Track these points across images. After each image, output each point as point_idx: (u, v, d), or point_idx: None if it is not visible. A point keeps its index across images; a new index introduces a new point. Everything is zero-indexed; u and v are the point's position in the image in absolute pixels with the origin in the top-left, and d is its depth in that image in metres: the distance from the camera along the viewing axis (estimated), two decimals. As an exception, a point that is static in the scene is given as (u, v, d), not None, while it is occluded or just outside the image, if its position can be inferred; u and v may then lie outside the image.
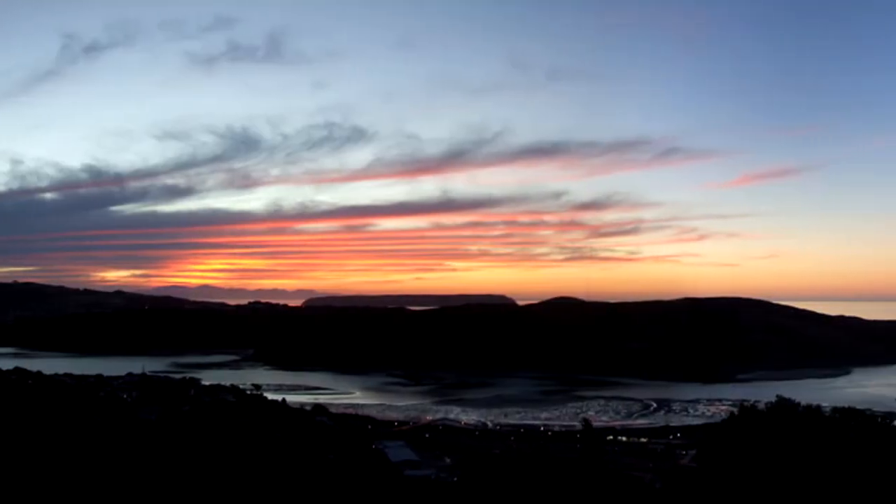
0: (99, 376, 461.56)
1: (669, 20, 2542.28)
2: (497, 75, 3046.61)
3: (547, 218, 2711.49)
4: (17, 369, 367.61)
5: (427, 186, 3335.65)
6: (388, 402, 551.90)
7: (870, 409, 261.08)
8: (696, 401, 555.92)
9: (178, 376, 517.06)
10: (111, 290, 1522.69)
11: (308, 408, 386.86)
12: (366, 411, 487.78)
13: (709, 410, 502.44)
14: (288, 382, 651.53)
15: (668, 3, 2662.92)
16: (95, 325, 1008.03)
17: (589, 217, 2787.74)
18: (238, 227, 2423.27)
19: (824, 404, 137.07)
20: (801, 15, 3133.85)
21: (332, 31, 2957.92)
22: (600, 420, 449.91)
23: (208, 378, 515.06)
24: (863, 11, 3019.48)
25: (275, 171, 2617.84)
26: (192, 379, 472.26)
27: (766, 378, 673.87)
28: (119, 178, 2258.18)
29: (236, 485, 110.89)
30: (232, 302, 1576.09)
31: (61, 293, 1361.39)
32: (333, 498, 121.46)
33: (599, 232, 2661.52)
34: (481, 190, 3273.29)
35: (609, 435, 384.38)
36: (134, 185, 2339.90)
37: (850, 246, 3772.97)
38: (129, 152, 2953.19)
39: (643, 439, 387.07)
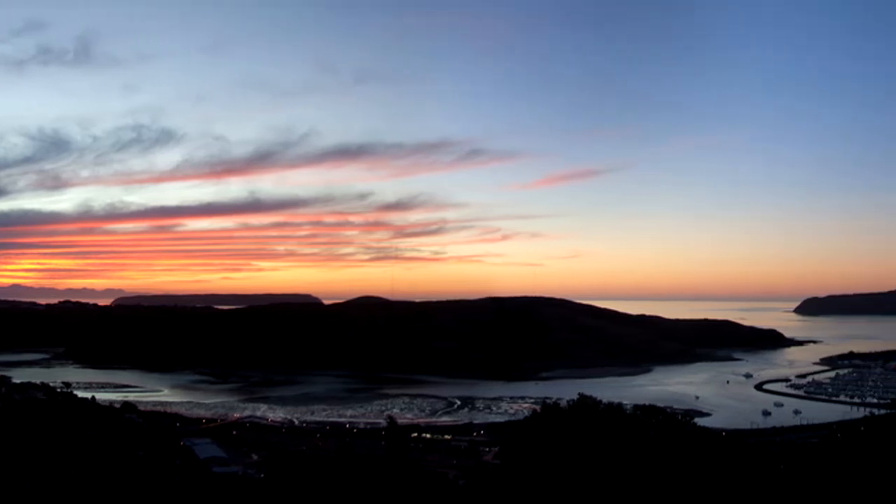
0: None
1: (474, 24, 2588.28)
2: (304, 78, 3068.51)
3: (352, 218, 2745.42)
4: None
5: (234, 187, 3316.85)
6: (195, 400, 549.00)
7: (670, 407, 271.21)
8: (500, 398, 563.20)
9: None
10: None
11: (117, 405, 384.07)
12: (174, 409, 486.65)
13: (512, 408, 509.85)
14: (98, 380, 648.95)
15: (473, 7, 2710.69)
16: None
17: (394, 217, 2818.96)
18: (48, 228, 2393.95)
19: (626, 402, 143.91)
20: (604, 18, 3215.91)
21: (142, 35, 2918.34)
22: (405, 417, 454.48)
23: (19, 376, 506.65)
24: (666, 16, 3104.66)
25: (85, 173, 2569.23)
26: (2, 377, 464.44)
27: (568, 376, 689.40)
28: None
29: (47, 480, 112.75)
30: (42, 301, 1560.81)
31: None
32: (143, 493, 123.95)
33: (404, 232, 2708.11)
34: (288, 191, 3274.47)
35: (413, 432, 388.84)
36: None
37: (652, 246, 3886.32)
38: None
39: (447, 436, 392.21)
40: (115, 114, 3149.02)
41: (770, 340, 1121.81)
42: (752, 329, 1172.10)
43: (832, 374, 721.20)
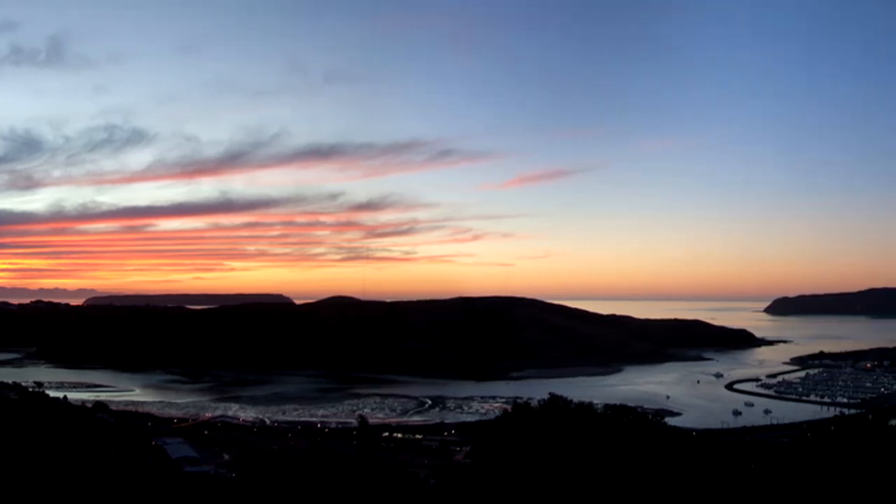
0: None
1: (445, 23, 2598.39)
2: (275, 79, 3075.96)
3: (324, 218, 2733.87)
4: None
5: (206, 188, 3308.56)
6: (167, 400, 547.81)
7: (641, 407, 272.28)
8: (471, 398, 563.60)
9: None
10: None
11: (89, 405, 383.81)
12: (146, 408, 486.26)
13: (483, 408, 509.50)
14: (70, 380, 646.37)
15: (444, 8, 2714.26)
16: None
17: (365, 217, 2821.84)
18: (20, 228, 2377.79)
19: (596, 401, 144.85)
20: (576, 18, 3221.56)
21: (113, 36, 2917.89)
22: (376, 417, 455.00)
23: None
24: (638, 17, 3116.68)
25: (57, 173, 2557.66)
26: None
27: (539, 376, 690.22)
28: None
29: (18, 480, 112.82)
30: (14, 301, 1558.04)
31: None
32: (114, 493, 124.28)
33: (375, 232, 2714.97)
34: (259, 191, 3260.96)
35: (385, 432, 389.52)
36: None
37: (623, 246, 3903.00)
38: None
39: (418, 436, 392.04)
40: (87, 114, 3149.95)
41: (740, 340, 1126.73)
42: (722, 329, 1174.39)
43: (802, 373, 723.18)
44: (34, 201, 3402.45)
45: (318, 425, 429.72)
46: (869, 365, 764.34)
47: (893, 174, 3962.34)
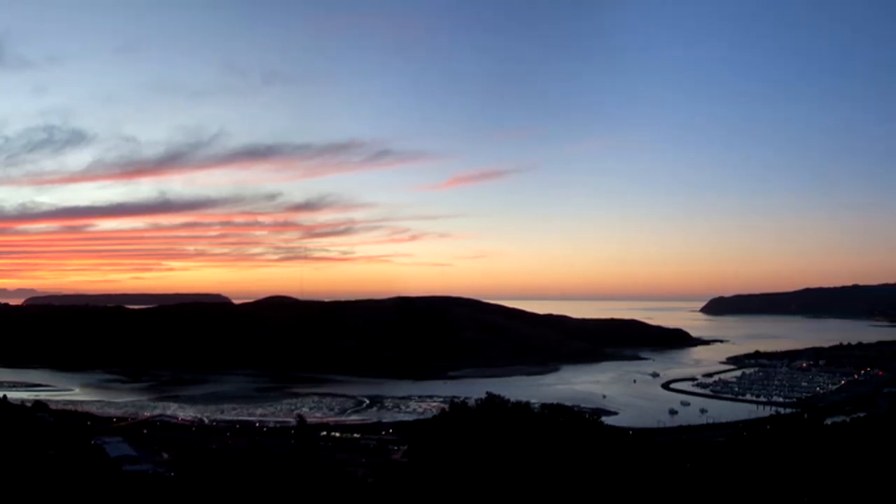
0: None
1: (381, 25, 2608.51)
2: (213, 79, 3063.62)
3: (262, 219, 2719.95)
4: None
5: (145, 188, 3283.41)
6: (107, 399, 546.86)
7: (578, 406, 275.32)
8: (408, 397, 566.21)
9: None
10: None
11: (29, 404, 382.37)
12: (85, 408, 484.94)
13: (420, 407, 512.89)
14: (9, 379, 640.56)
15: (380, 9, 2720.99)
16: None
17: (303, 218, 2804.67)
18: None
19: (533, 401, 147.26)
20: (511, 20, 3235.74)
21: (52, 36, 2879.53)
22: (314, 416, 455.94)
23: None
24: (573, 17, 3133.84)
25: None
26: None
27: (476, 375, 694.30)
28: None
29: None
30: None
31: None
32: (52, 492, 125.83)
33: (313, 232, 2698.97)
34: (198, 191, 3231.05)
35: (323, 431, 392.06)
36: None
37: (559, 246, 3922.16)
38: None
39: (356, 435, 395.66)
40: (26, 115, 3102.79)
41: (677, 340, 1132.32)
42: (658, 328, 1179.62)
43: (738, 373, 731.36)
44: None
45: (257, 424, 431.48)
46: (804, 364, 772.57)
47: (827, 175, 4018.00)
